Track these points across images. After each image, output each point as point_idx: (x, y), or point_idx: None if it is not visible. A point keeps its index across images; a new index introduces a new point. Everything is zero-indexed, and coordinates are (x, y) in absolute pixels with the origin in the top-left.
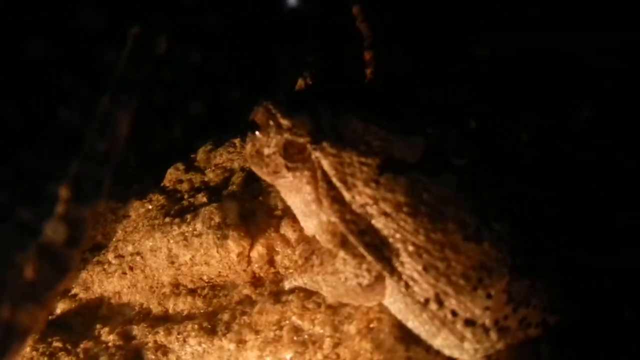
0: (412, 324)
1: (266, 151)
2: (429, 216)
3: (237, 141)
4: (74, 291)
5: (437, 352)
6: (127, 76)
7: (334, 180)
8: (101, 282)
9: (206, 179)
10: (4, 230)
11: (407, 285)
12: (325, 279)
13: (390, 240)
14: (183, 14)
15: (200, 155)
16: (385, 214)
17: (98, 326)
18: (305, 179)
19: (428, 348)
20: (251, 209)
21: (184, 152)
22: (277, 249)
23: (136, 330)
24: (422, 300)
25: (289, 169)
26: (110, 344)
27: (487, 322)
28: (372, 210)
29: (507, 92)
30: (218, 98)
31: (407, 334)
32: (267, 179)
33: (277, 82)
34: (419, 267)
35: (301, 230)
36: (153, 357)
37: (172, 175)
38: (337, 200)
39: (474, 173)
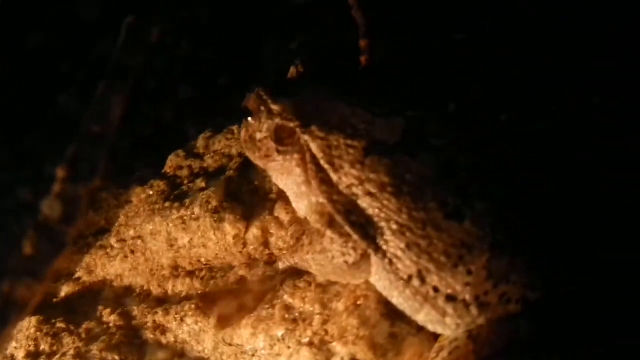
0: (397, 300)
1: (258, 136)
2: (412, 196)
3: (235, 128)
4: (77, 275)
5: (421, 328)
6: (121, 63)
7: (322, 162)
8: (104, 265)
9: (205, 165)
10: (4, 208)
11: (391, 263)
12: (314, 258)
13: (375, 219)
14: (175, 5)
15: (200, 142)
16: (370, 194)
17: (100, 308)
18: (295, 162)
19: (412, 323)
20: (247, 192)
21: (179, 138)
22: (271, 231)
23: (136, 311)
24: (405, 277)
25: (279, 152)
26: (111, 325)
27: (468, 297)
28: (357, 190)
29: (485, 75)
30: (208, 85)
31: (393, 310)
32: (260, 163)
33: (264, 68)
34: (402, 245)
35: (294, 212)
36: (152, 336)
37: (173, 162)
38: (325, 181)
39: (453, 154)
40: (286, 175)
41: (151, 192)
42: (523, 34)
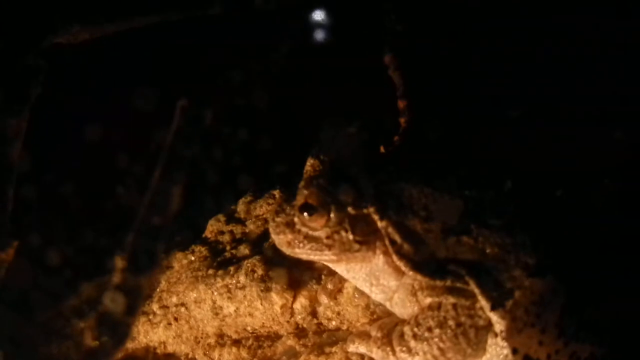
0: None
1: (324, 233)
2: (497, 268)
3: (276, 192)
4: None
5: None
6: (176, 151)
7: (405, 247)
8: (146, 332)
9: (247, 230)
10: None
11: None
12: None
13: None
14: (231, 92)
15: (240, 206)
16: None
17: None
18: (379, 249)
19: None
20: (292, 260)
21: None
22: (319, 301)
23: None
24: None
25: (360, 243)
26: None
27: (542, 357)
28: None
29: (539, 151)
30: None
31: None
32: (327, 259)
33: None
34: None
35: (341, 282)
36: None
37: (213, 227)
38: (414, 262)
39: (511, 229)
40: (362, 265)
41: (193, 258)
42: (577, 111)
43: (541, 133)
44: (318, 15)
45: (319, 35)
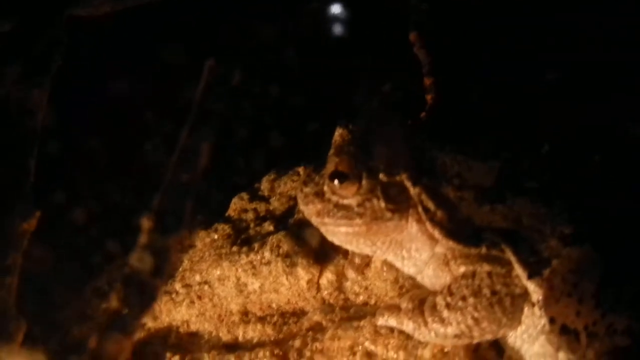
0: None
1: (355, 201)
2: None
3: (300, 169)
4: (142, 321)
5: None
6: (204, 108)
7: (439, 214)
8: (169, 311)
9: (271, 208)
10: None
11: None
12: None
13: None
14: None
15: (264, 184)
16: None
17: (168, 354)
18: (412, 217)
19: None
20: (318, 235)
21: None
22: (346, 275)
23: (207, 357)
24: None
25: (392, 211)
26: None
27: (579, 327)
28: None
29: (579, 115)
30: (298, 131)
31: (482, 357)
32: (355, 229)
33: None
34: None
35: (368, 256)
36: None
37: (237, 205)
38: (447, 230)
39: (547, 196)
40: (395, 234)
41: (216, 236)
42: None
43: (579, 96)
44: None
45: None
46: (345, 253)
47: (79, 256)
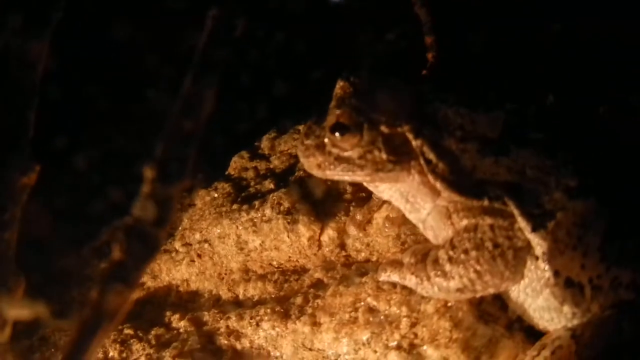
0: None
1: (356, 153)
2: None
3: (301, 127)
4: (141, 280)
5: (514, 330)
6: (208, 56)
7: (440, 166)
8: (169, 270)
9: (271, 166)
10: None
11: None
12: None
13: None
14: None
15: (265, 142)
16: None
17: (168, 313)
18: (414, 168)
19: (505, 326)
20: (320, 193)
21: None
22: (348, 232)
23: (207, 316)
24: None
25: (394, 162)
26: (181, 330)
27: (583, 280)
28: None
29: (584, 66)
30: (302, 79)
31: (485, 312)
32: (360, 179)
33: (359, 61)
34: None
35: (370, 213)
36: (226, 341)
37: (237, 163)
38: (449, 182)
39: (552, 148)
40: (398, 185)
41: (216, 195)
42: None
43: (583, 46)
44: None
45: None
46: (346, 210)
47: (80, 206)
